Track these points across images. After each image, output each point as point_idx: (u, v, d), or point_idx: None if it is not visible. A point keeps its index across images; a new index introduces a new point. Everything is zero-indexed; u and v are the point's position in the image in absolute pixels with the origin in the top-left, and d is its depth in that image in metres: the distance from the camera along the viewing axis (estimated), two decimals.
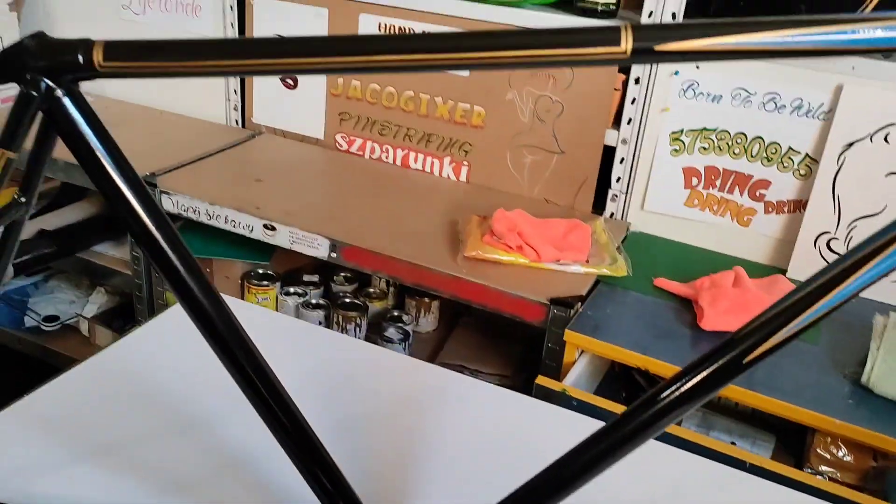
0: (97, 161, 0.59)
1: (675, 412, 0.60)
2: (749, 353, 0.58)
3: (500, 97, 1.64)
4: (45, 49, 0.57)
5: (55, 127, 0.58)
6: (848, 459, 1.17)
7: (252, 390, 0.64)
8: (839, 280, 0.54)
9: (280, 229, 1.50)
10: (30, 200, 0.64)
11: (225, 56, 0.56)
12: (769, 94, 1.43)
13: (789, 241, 1.48)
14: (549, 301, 1.30)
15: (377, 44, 0.53)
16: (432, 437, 0.87)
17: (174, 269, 0.62)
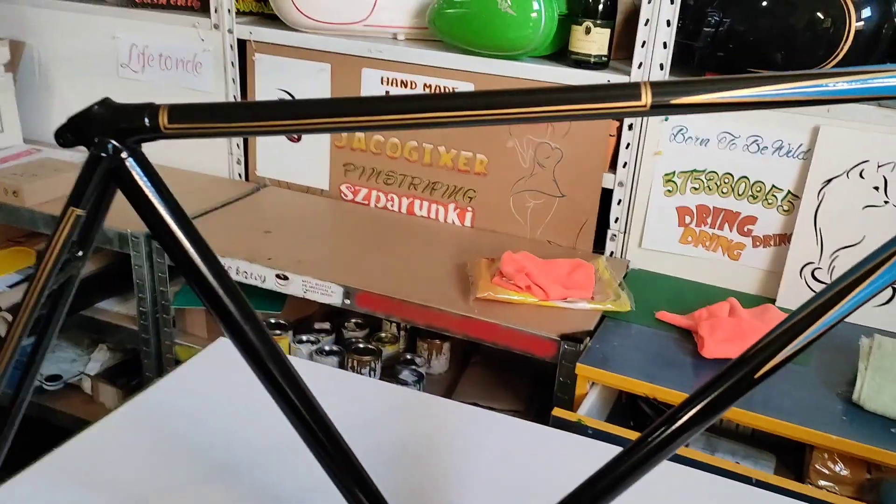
0: (159, 216, 0.63)
1: (693, 429, 0.65)
2: (759, 369, 0.64)
3: (502, 145, 1.71)
4: (113, 114, 0.62)
5: (119, 185, 0.63)
6: (845, 473, 1.23)
7: (304, 426, 0.67)
8: (832, 304, 0.60)
9: (293, 278, 1.55)
10: (86, 254, 0.68)
11: (279, 117, 0.62)
12: (752, 136, 1.52)
13: (777, 272, 1.55)
14: (560, 337, 1.36)
15: (428, 102, 0.59)
16: (461, 469, 0.92)
17: (230, 315, 0.66)
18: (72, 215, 0.60)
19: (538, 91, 0.59)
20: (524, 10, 1.55)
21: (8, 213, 1.78)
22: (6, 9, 2.16)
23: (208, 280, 0.65)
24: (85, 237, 0.65)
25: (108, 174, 0.60)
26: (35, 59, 2.18)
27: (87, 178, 0.60)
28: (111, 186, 0.62)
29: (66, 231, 0.60)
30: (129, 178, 0.61)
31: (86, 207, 0.61)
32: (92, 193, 0.61)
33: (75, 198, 0.60)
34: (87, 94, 0.61)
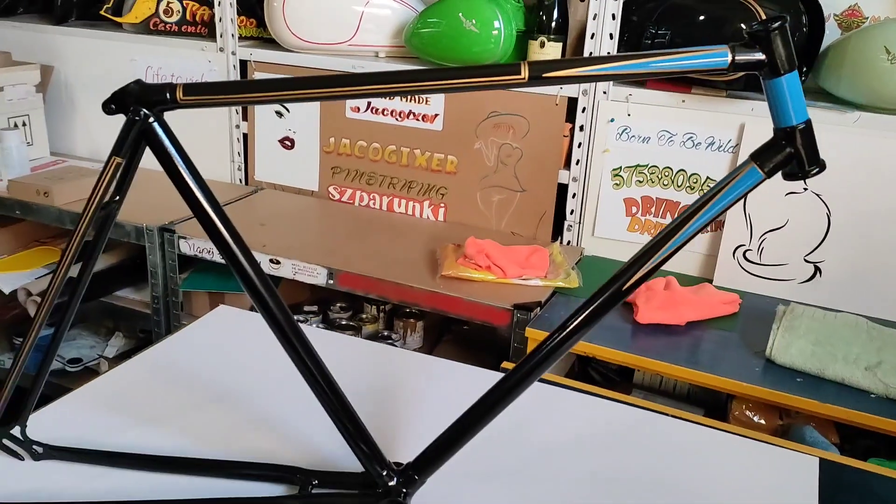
0: (175, 167, 0.85)
1: (580, 332, 0.83)
2: (625, 283, 0.84)
3: (469, 146, 1.94)
4: (143, 90, 0.84)
5: (147, 142, 0.85)
6: (760, 421, 1.42)
7: (301, 363, 0.83)
8: (678, 229, 0.80)
9: (284, 262, 1.77)
10: (122, 198, 0.90)
11: (263, 89, 0.84)
12: (687, 133, 1.74)
13: (713, 255, 1.76)
14: (513, 307, 1.56)
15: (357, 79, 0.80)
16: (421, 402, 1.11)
17: (237, 258, 0.85)
18: (114, 162, 0.82)
19: (451, 69, 0.80)
20: (486, 28, 1.78)
21: (39, 213, 2.00)
22: (38, 37, 2.41)
23: (214, 220, 0.86)
24: (121, 185, 0.87)
25: (139, 133, 0.82)
26: (62, 81, 2.43)
27: (124, 136, 0.82)
28: (142, 144, 0.83)
29: (109, 174, 0.81)
30: (154, 136, 0.83)
31: (124, 157, 0.83)
32: (128, 148, 0.82)
33: (116, 150, 0.82)
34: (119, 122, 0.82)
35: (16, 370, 0.89)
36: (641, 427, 1.09)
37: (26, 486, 0.90)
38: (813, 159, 0.75)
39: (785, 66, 0.71)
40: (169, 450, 0.96)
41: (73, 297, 0.91)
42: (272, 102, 0.84)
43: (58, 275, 0.85)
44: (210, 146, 2.24)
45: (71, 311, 0.90)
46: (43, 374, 0.93)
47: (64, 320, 0.90)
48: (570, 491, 0.93)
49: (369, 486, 0.88)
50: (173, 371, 1.16)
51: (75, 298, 0.89)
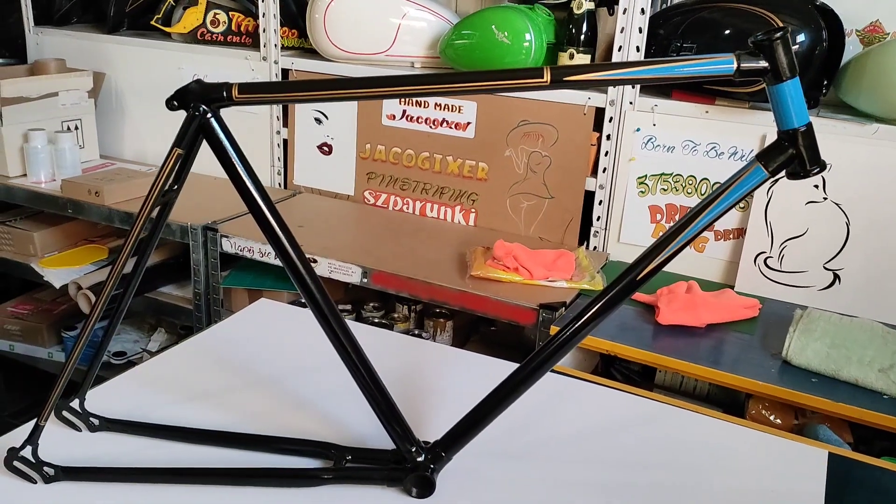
0: (230, 159, 0.92)
1: (598, 319, 0.89)
2: (640, 273, 0.90)
3: (500, 154, 2.01)
4: (203, 88, 0.92)
5: (205, 135, 0.92)
6: (776, 420, 1.47)
7: (342, 348, 0.90)
8: (688, 223, 0.87)
9: (320, 261, 1.85)
10: (179, 187, 0.98)
11: (311, 89, 0.92)
12: (710, 143, 1.79)
13: (735, 262, 1.81)
14: (539, 306, 1.63)
15: (392, 80, 0.87)
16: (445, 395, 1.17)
17: (281, 243, 0.92)
18: (175, 153, 0.90)
19: (478, 73, 0.87)
20: (518, 40, 1.86)
21: (89, 211, 2.12)
22: (91, 45, 2.54)
23: (265, 213, 0.93)
24: (179, 175, 0.95)
25: (198, 128, 0.90)
26: (113, 88, 2.55)
27: (185, 130, 0.90)
28: (200, 137, 0.92)
29: (171, 163, 0.90)
30: (211, 130, 0.90)
31: (184, 149, 0.91)
32: (188, 141, 0.90)
33: (177, 142, 0.90)
34: (156, 118, 0.90)
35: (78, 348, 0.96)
36: (658, 419, 1.14)
37: (84, 454, 0.97)
38: (814, 159, 0.81)
39: (787, 72, 0.77)
40: (213, 425, 1.04)
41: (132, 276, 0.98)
42: (316, 101, 0.92)
43: (125, 249, 0.93)
44: (252, 151, 2.34)
45: (132, 286, 0.97)
46: (102, 350, 1.01)
47: (124, 299, 0.98)
48: (588, 472, 0.99)
49: (399, 462, 0.95)
50: (216, 357, 1.24)
51: (137, 275, 0.96)
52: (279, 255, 0.92)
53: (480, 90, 0.87)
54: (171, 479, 0.95)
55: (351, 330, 0.92)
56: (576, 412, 1.14)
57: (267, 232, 0.92)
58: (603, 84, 0.84)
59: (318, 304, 0.92)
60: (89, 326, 0.95)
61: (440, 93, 0.87)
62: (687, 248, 1.89)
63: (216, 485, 0.93)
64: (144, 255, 0.97)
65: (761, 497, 0.97)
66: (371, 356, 0.94)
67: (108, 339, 1.02)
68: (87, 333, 0.94)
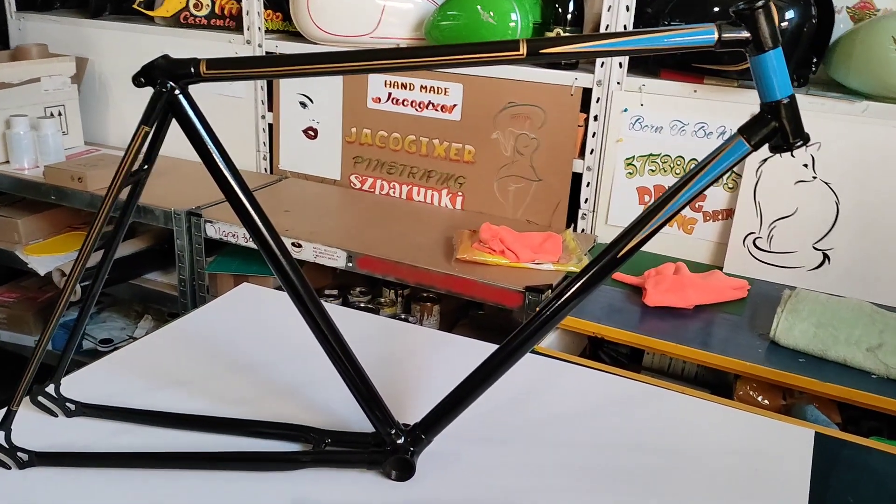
0: (199, 137, 0.90)
1: (577, 299, 0.88)
2: (620, 251, 0.89)
3: (487, 136, 1.99)
4: (170, 64, 0.90)
5: (174, 113, 0.90)
6: (764, 401, 1.46)
7: (319, 333, 0.89)
8: (668, 199, 0.85)
9: (305, 246, 1.83)
10: (150, 167, 0.96)
11: (284, 64, 0.90)
12: (699, 123, 1.77)
13: (724, 243, 1.80)
14: (525, 289, 1.61)
15: (369, 55, 0.85)
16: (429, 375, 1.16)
17: (254, 223, 0.89)
18: (142, 131, 0.88)
19: (457, 46, 0.85)
20: (504, 20, 1.83)
21: (73, 198, 2.09)
22: (73, 30, 2.51)
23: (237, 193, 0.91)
24: (150, 154, 0.93)
25: (166, 105, 0.88)
26: (96, 73, 2.52)
27: (152, 107, 0.88)
28: (168, 115, 0.89)
29: (138, 142, 0.88)
30: (180, 107, 0.88)
31: (151, 127, 0.89)
32: (155, 118, 0.88)
33: (144, 120, 0.88)
34: (140, 102, 0.87)
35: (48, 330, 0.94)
36: (645, 400, 1.13)
37: (61, 439, 0.96)
38: (797, 132, 0.79)
39: (769, 42, 0.75)
40: (192, 410, 1.02)
41: (105, 256, 0.96)
42: (290, 76, 0.89)
43: (93, 230, 0.91)
44: (237, 135, 2.32)
45: (103, 272, 0.96)
46: (77, 333, 0.99)
47: (97, 279, 0.96)
48: (572, 454, 0.98)
49: (379, 445, 0.94)
50: (198, 341, 1.22)
51: (109, 255, 0.95)
52: (253, 237, 0.90)
53: (456, 63, 0.85)
54: (147, 464, 0.93)
55: (328, 313, 0.90)
56: (561, 395, 1.12)
57: (239, 212, 0.90)
58: (581, 56, 0.82)
59: (295, 287, 0.90)
60: (58, 310, 0.93)
61: (417, 66, 0.85)
62: (675, 229, 1.87)
63: (194, 469, 0.92)
64: (116, 236, 0.95)
65: (747, 477, 0.96)
66: (356, 341, 0.92)
67: (82, 323, 1.00)
68: (59, 312, 0.92)
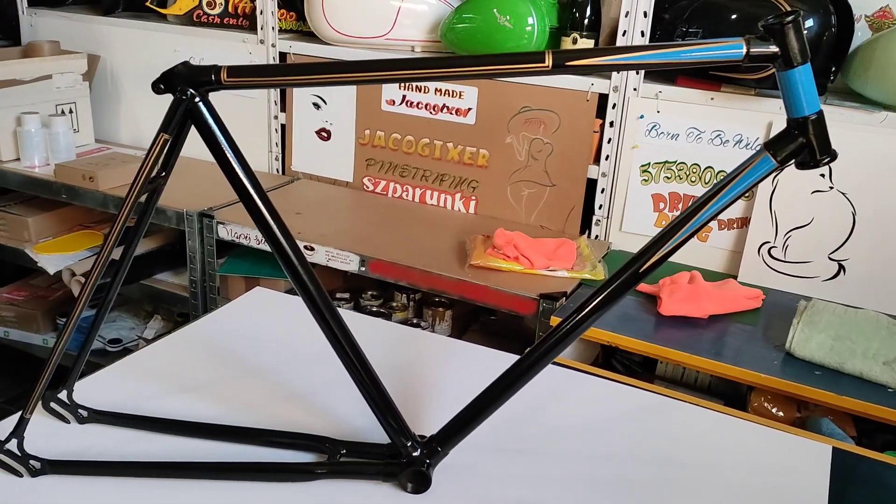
0: (219, 145, 0.89)
1: (598, 313, 0.86)
2: (642, 266, 0.87)
3: (501, 141, 1.98)
4: (190, 71, 0.88)
5: (193, 121, 0.89)
6: (778, 413, 1.44)
7: (334, 339, 0.87)
8: (693, 214, 0.84)
9: (318, 249, 1.83)
10: (168, 174, 0.95)
11: (305, 73, 0.88)
12: (715, 131, 1.76)
13: (738, 251, 1.78)
14: (539, 296, 1.60)
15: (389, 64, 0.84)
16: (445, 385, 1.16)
17: (272, 231, 0.87)
18: (161, 139, 0.87)
19: (479, 56, 0.84)
20: (520, 24, 1.82)
21: (84, 197, 2.09)
22: (85, 27, 2.50)
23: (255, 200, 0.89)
24: (167, 161, 0.92)
25: (185, 112, 0.87)
26: (108, 70, 2.52)
27: (171, 115, 0.86)
28: (188, 123, 0.88)
29: (157, 149, 0.87)
30: (200, 115, 0.87)
31: (171, 134, 0.88)
32: (175, 126, 0.87)
33: (164, 127, 0.87)
34: (152, 101, 0.86)
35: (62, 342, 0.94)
36: (659, 412, 1.11)
37: (73, 446, 0.95)
38: (824, 149, 0.78)
39: (798, 58, 0.74)
40: (205, 418, 1.01)
41: (120, 265, 0.96)
42: (310, 85, 0.88)
43: (110, 238, 0.90)
44: (249, 136, 2.31)
45: (119, 276, 0.95)
46: (89, 341, 0.98)
47: (111, 289, 0.96)
48: (588, 467, 0.97)
49: (394, 457, 0.93)
50: (210, 346, 1.21)
51: (124, 265, 0.94)
52: (270, 244, 0.89)
53: (480, 75, 0.84)
54: (159, 473, 0.92)
55: (344, 320, 0.89)
56: (575, 405, 1.11)
57: (258, 220, 0.88)
58: (606, 69, 0.81)
59: (310, 293, 0.89)
60: (74, 317, 0.92)
61: (439, 77, 0.84)
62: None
63: (206, 479, 0.91)
64: (132, 245, 0.95)
65: (764, 493, 0.95)
66: (368, 347, 0.91)
67: (96, 330, 1.00)
68: (73, 324, 0.91)
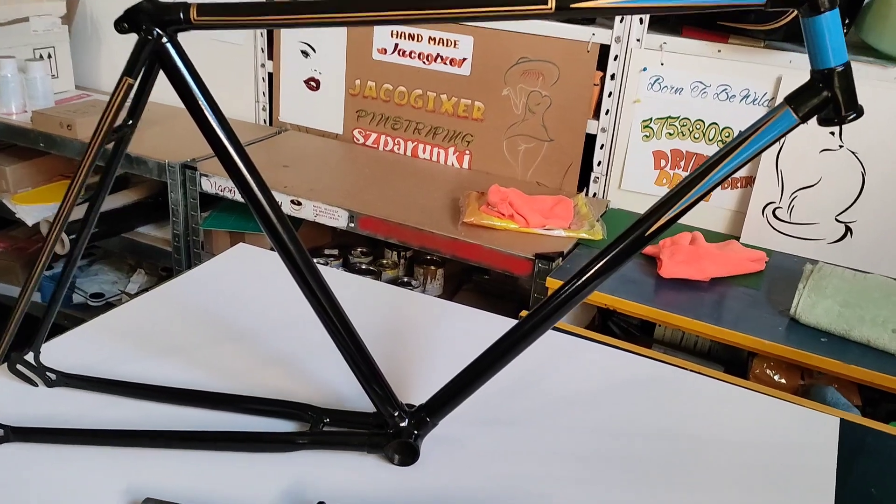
0: (189, 91, 0.81)
1: (600, 278, 0.80)
2: (648, 229, 0.81)
3: (497, 93, 1.90)
4: (157, 9, 0.81)
5: (161, 63, 0.81)
6: (781, 380, 1.40)
7: (315, 301, 0.81)
8: (703, 176, 0.77)
9: (305, 204, 1.76)
10: (135, 123, 0.88)
11: (284, 12, 0.80)
12: (721, 86, 1.68)
13: (742, 212, 1.72)
14: (535, 256, 1.54)
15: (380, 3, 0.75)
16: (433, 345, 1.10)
17: (247, 185, 0.82)
18: (125, 83, 0.79)
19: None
20: None
21: (62, 146, 2.00)
22: None
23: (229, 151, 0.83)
24: (134, 109, 0.85)
25: (152, 54, 0.79)
26: (88, 13, 2.40)
27: (136, 56, 0.79)
28: (155, 66, 0.81)
29: (120, 95, 0.79)
30: (168, 57, 0.79)
31: (135, 79, 0.80)
32: (140, 68, 0.80)
33: (128, 71, 0.79)
34: (133, 45, 0.78)
35: (22, 302, 0.88)
36: (659, 380, 1.06)
37: (40, 412, 0.90)
38: (850, 104, 0.71)
39: (825, 3, 0.67)
40: (182, 383, 0.96)
41: (86, 221, 0.90)
42: (292, 26, 0.80)
43: (67, 200, 0.84)
44: (235, 85, 2.22)
45: (83, 239, 0.89)
46: (56, 299, 0.92)
47: (76, 248, 0.89)
48: (583, 440, 0.92)
49: (380, 426, 0.88)
50: (189, 306, 1.15)
51: (90, 222, 0.88)
52: (246, 199, 0.82)
53: (478, 17, 0.76)
54: (132, 442, 0.87)
55: (326, 282, 0.83)
56: (573, 374, 1.06)
57: (231, 171, 0.82)
58: (614, 13, 0.73)
59: (290, 252, 0.82)
60: (38, 270, 0.87)
61: (434, 19, 0.77)
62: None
63: (181, 449, 0.86)
64: (98, 199, 0.88)
65: (770, 467, 0.90)
66: (354, 309, 0.85)
67: (63, 288, 0.93)
68: (33, 284, 0.86)
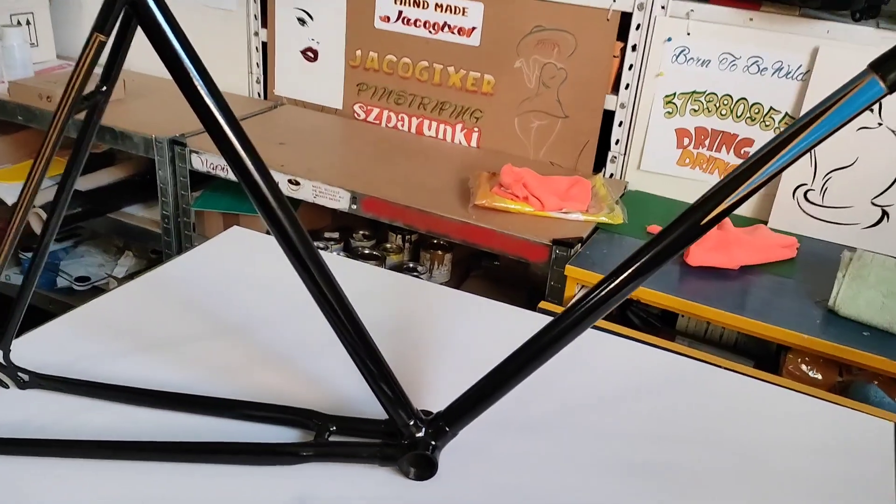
0: (172, 49, 0.69)
1: (650, 270, 0.70)
2: (704, 217, 0.70)
3: (509, 65, 1.77)
4: None
5: (138, 18, 0.69)
6: (816, 376, 1.30)
7: (318, 292, 0.71)
8: (764, 162, 0.66)
9: (304, 184, 1.64)
10: (110, 88, 0.76)
11: None
12: (752, 57, 1.56)
13: (770, 194, 1.61)
14: (552, 242, 1.43)
15: None
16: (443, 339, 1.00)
17: (240, 161, 0.70)
18: (96, 41, 0.68)
19: None
20: None
21: (42, 119, 1.88)
22: None
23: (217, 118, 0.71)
24: (108, 71, 0.73)
25: (129, 6, 0.67)
26: None
27: (109, 7, 0.67)
28: (132, 21, 0.69)
29: (91, 54, 0.68)
30: (145, 9, 0.67)
31: (108, 34, 0.68)
32: (114, 22, 0.68)
33: (98, 26, 0.68)
34: None
35: None
36: (691, 379, 0.96)
37: (11, 417, 0.80)
38: None
39: None
40: (170, 384, 0.86)
41: (56, 202, 0.79)
42: None
43: (32, 178, 0.73)
44: (226, 55, 2.09)
45: (54, 222, 0.78)
46: (28, 288, 0.81)
47: (48, 232, 0.78)
48: (615, 448, 0.82)
49: (394, 436, 0.77)
50: (179, 296, 1.05)
51: (59, 207, 0.77)
52: (240, 178, 0.71)
53: None
54: (114, 455, 0.77)
55: (331, 271, 0.71)
56: (596, 372, 0.95)
57: (223, 147, 0.70)
58: None
59: (289, 238, 0.71)
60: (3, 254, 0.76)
61: None
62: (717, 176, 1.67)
63: (168, 461, 0.75)
64: (70, 177, 0.77)
65: (819, 477, 0.80)
66: (357, 299, 0.74)
67: (34, 277, 0.82)
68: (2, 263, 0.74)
